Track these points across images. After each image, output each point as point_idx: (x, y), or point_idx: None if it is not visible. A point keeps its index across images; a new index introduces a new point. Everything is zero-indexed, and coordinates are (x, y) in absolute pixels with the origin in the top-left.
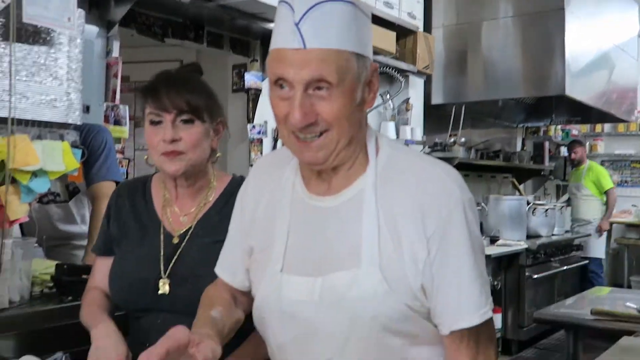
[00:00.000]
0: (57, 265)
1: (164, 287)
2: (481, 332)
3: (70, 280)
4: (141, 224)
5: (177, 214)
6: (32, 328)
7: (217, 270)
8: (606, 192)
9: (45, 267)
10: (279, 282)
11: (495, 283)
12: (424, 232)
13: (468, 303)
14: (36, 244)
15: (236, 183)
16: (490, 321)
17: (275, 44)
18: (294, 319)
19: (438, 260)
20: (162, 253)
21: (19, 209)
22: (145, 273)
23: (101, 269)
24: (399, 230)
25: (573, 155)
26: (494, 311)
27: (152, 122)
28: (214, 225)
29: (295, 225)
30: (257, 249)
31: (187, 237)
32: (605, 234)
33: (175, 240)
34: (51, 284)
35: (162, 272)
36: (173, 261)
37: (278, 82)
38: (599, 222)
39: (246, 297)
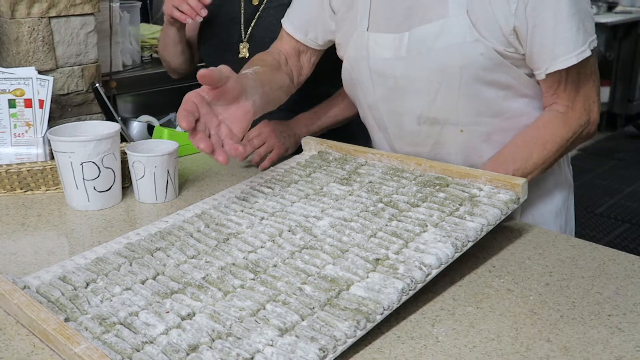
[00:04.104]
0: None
1: (243, 51)
2: (581, 72)
3: None
4: None
5: None
6: (146, 90)
7: (286, 25)
8: None
9: (152, 31)
10: (365, 41)
11: (608, 54)
12: None
13: (563, 43)
14: None
15: None
16: (589, 59)
17: None
18: (383, 77)
19: (533, 0)
20: (242, 15)
21: None
22: (226, 34)
23: None
24: None
25: None
26: (602, 84)
27: None
28: None
29: None
30: (342, 7)
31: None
32: None
33: (255, 2)
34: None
35: (242, 35)
36: (252, 24)
37: None
38: None
39: (301, 60)
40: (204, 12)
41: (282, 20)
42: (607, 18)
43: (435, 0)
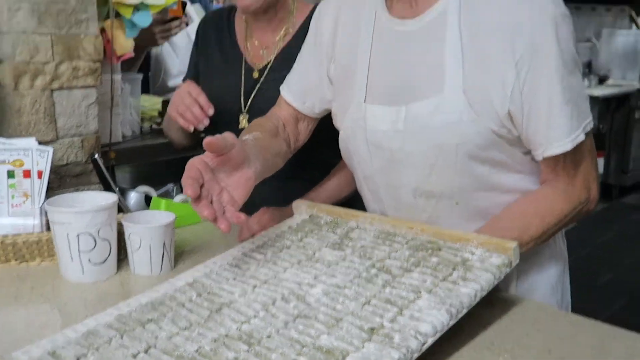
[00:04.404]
0: (163, 101)
1: (243, 122)
2: (578, 152)
3: None
4: (225, 55)
5: (258, 46)
6: (145, 161)
7: (284, 93)
8: None
9: (153, 102)
10: (363, 113)
11: (601, 126)
12: (512, 54)
13: (558, 129)
14: None
15: None
16: (585, 140)
17: None
18: (380, 149)
19: (528, 85)
20: (242, 87)
21: (125, 44)
22: (227, 106)
23: None
24: (485, 52)
25: None
26: (597, 155)
27: None
28: (294, 57)
29: (377, 53)
30: (339, 77)
31: (266, 72)
32: None
33: (255, 75)
34: (159, 120)
35: (242, 107)
36: (252, 96)
37: None
38: None
39: (298, 127)
40: (207, 122)
41: (280, 87)
42: (599, 91)
43: (432, 77)
